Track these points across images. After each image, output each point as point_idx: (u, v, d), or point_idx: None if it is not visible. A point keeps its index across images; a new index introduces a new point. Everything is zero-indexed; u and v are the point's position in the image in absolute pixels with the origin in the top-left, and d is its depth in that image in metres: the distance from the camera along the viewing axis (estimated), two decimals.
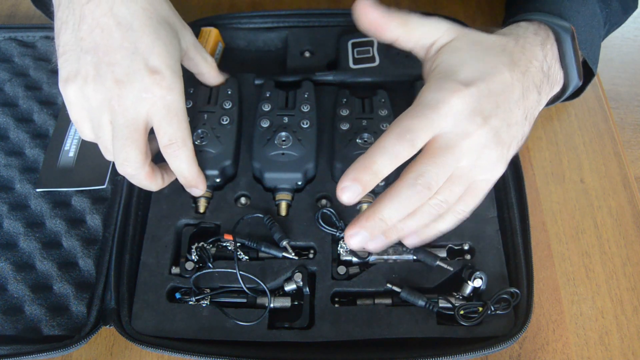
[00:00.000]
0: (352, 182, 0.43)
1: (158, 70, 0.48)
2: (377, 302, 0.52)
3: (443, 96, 0.44)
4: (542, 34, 0.51)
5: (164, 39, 0.49)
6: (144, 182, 0.52)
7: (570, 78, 0.53)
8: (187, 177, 0.53)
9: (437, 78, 0.46)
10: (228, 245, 0.54)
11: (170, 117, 0.49)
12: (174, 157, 0.51)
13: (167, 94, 0.48)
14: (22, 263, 0.55)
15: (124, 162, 0.49)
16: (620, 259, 0.56)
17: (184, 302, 0.52)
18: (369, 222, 0.44)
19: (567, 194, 0.60)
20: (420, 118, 0.43)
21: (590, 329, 0.52)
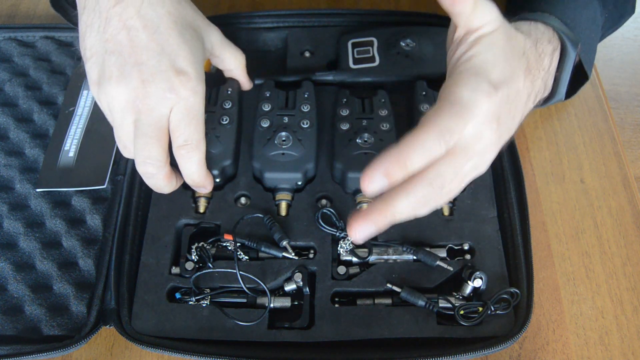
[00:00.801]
0: (381, 176, 0.41)
1: (184, 72, 0.48)
2: (377, 302, 0.52)
3: (478, 98, 0.42)
4: (554, 44, 0.51)
5: (189, 42, 0.50)
6: (162, 182, 0.52)
7: (558, 92, 0.54)
8: (195, 180, 0.53)
9: (472, 74, 0.44)
10: (228, 245, 0.54)
11: (190, 118, 0.49)
12: (186, 159, 0.51)
13: (191, 95, 0.49)
14: (22, 263, 0.55)
15: (146, 160, 0.49)
16: (620, 259, 0.56)
17: (184, 302, 0.52)
18: (380, 217, 0.43)
19: (567, 194, 0.60)
20: (458, 119, 0.42)
21: (590, 329, 0.52)
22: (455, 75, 0.44)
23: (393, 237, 0.55)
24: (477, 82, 0.43)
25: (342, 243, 0.54)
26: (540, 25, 0.51)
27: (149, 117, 0.48)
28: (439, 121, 0.42)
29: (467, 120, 0.42)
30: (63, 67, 0.69)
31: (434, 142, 0.41)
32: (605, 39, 0.66)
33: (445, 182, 0.43)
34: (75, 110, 0.65)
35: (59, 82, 0.67)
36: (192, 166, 0.52)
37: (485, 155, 0.45)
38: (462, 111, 0.42)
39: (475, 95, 0.42)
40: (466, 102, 0.42)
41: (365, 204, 0.55)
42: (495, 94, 0.43)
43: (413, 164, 0.41)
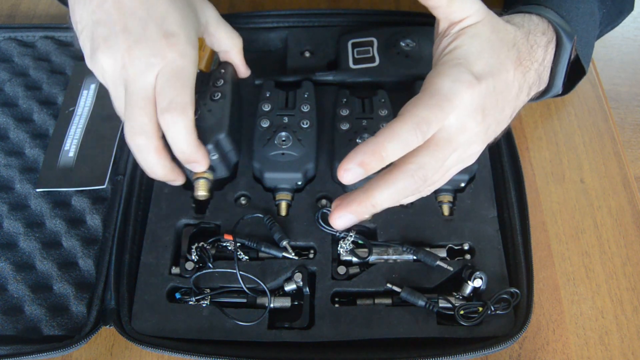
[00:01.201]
0: (357, 166, 0.41)
1: (173, 34, 0.46)
2: (377, 302, 0.52)
3: (459, 88, 0.42)
4: (548, 35, 0.51)
5: (180, 8, 0.47)
6: (153, 157, 0.48)
7: (555, 85, 0.53)
8: (184, 151, 0.48)
9: (453, 65, 0.44)
10: (228, 245, 0.54)
11: (175, 80, 0.46)
12: (171, 124, 0.46)
13: (178, 58, 0.46)
14: (22, 263, 0.55)
15: (133, 131, 0.46)
16: (620, 259, 0.56)
17: (184, 302, 0.52)
18: (360, 207, 0.43)
19: (567, 194, 0.60)
20: (437, 110, 0.42)
21: (590, 329, 0.52)
22: (438, 67, 0.44)
23: (393, 237, 0.55)
24: (459, 73, 0.43)
25: (342, 243, 0.54)
26: (534, 17, 0.51)
27: (136, 84, 0.46)
28: (415, 111, 0.42)
29: (447, 111, 0.42)
30: (63, 67, 0.69)
31: (410, 132, 0.41)
32: (605, 39, 0.66)
33: (427, 174, 0.43)
34: (75, 110, 0.65)
35: (59, 82, 0.67)
36: (178, 133, 0.47)
37: (471, 147, 0.45)
38: (441, 102, 0.42)
39: (456, 86, 0.42)
40: (446, 93, 0.42)
41: None
42: (478, 85, 0.43)
43: (389, 155, 0.41)
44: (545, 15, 0.51)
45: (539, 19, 0.51)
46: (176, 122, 0.46)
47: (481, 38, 0.46)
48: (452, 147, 0.43)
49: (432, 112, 0.42)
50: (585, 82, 0.68)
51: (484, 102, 0.44)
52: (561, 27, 0.51)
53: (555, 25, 0.51)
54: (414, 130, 0.41)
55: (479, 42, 0.45)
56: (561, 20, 0.52)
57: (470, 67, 0.44)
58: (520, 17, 0.51)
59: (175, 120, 0.46)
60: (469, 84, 0.43)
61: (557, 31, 0.51)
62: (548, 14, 0.51)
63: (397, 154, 0.42)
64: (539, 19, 0.51)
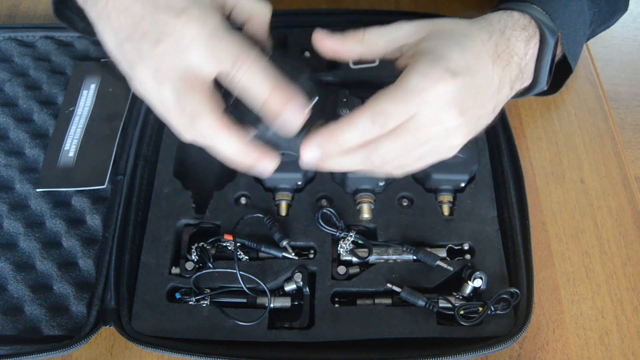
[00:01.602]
0: (315, 147, 0.43)
1: (184, 9, 0.42)
2: (377, 302, 0.52)
3: (429, 83, 0.43)
4: (530, 30, 0.51)
5: None
6: (225, 139, 0.43)
7: (539, 81, 0.53)
8: (276, 98, 0.42)
9: (425, 60, 0.44)
10: (228, 245, 0.54)
11: (216, 42, 0.42)
12: (248, 77, 0.41)
13: (202, 27, 0.42)
14: (22, 263, 0.55)
15: (192, 120, 0.43)
16: (620, 259, 0.56)
17: (184, 302, 0.52)
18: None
19: (567, 194, 0.60)
20: (399, 103, 0.43)
21: (590, 329, 0.52)
22: (412, 62, 0.45)
23: (393, 237, 0.55)
24: (430, 67, 0.43)
25: (342, 243, 0.54)
26: (514, 13, 0.51)
27: (174, 75, 0.43)
28: (374, 104, 0.43)
29: (411, 105, 0.42)
30: (63, 67, 0.69)
31: (367, 122, 0.42)
32: (605, 39, 0.66)
33: (386, 157, 0.44)
34: (75, 110, 0.65)
35: (59, 82, 0.67)
36: (259, 81, 0.42)
37: (449, 139, 0.46)
38: (405, 95, 0.42)
39: (426, 81, 0.43)
40: (413, 87, 0.43)
41: (366, 204, 0.55)
42: (452, 80, 0.43)
43: (345, 141, 0.43)
44: (527, 11, 0.51)
45: (520, 15, 0.51)
46: (252, 73, 0.42)
47: (455, 33, 0.47)
48: (422, 137, 0.44)
49: (392, 105, 0.42)
50: (585, 82, 0.68)
51: (461, 98, 0.44)
52: (543, 23, 0.51)
53: (537, 21, 0.51)
54: (370, 121, 0.42)
55: (445, 41, 0.46)
56: (544, 17, 0.52)
57: (443, 63, 0.44)
58: (499, 14, 0.51)
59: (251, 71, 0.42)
60: (440, 78, 0.43)
61: (540, 27, 0.51)
62: (531, 10, 0.51)
63: (354, 141, 0.43)
64: (519, 14, 0.51)
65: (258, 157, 0.45)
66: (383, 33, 0.48)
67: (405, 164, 0.47)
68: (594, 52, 0.72)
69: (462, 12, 0.74)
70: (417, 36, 0.47)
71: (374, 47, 0.48)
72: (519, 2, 0.53)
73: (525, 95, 0.55)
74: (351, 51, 0.48)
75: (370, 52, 0.48)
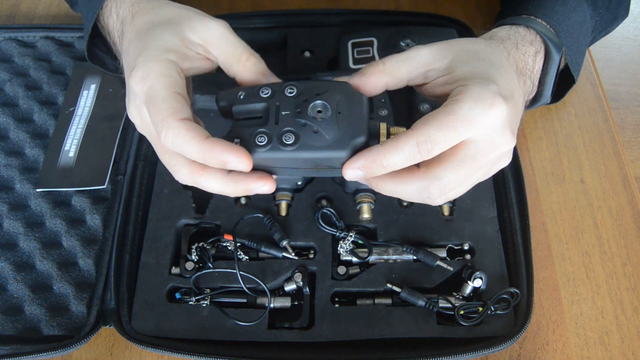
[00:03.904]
0: (359, 169, 0.43)
1: (132, 66, 0.45)
2: (377, 302, 0.52)
3: (483, 109, 0.42)
4: (536, 46, 0.51)
5: (146, 38, 0.46)
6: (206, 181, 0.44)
7: (543, 95, 0.54)
8: (196, 155, 0.42)
9: (474, 85, 0.43)
10: (228, 245, 0.54)
11: (149, 107, 0.43)
12: (167, 142, 0.42)
13: (142, 88, 0.44)
14: (22, 263, 0.55)
15: (172, 171, 0.45)
16: (620, 259, 0.56)
17: (184, 302, 0.52)
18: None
19: (567, 194, 0.60)
20: (449, 131, 0.41)
21: (590, 329, 0.52)
22: (459, 89, 0.43)
23: (393, 237, 0.55)
24: (481, 92, 0.42)
25: (342, 243, 0.54)
26: (520, 29, 0.51)
27: (147, 132, 0.46)
28: (423, 129, 0.42)
29: (461, 132, 0.42)
30: (63, 67, 0.69)
31: (412, 149, 0.41)
32: (605, 39, 0.66)
33: (445, 188, 0.43)
34: (76, 111, 0.65)
35: (59, 82, 0.67)
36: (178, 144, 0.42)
37: (500, 162, 0.45)
38: (454, 122, 0.41)
39: (479, 107, 0.42)
40: (465, 114, 0.41)
41: (366, 204, 0.55)
42: (505, 104, 0.42)
43: (389, 165, 0.42)
44: (532, 26, 0.51)
45: (526, 30, 0.51)
46: (167, 137, 0.42)
47: (481, 54, 0.46)
48: (479, 164, 0.43)
49: (441, 132, 0.41)
50: (585, 82, 0.68)
51: (511, 120, 0.44)
52: (549, 39, 0.51)
53: (543, 37, 0.51)
54: (416, 147, 0.41)
55: (486, 60, 0.45)
56: (549, 32, 0.52)
57: (495, 87, 0.43)
58: (506, 30, 0.51)
59: (166, 136, 0.42)
60: (493, 104, 0.42)
61: (546, 43, 0.51)
62: (536, 25, 0.52)
63: (399, 165, 0.42)
64: (525, 30, 0.51)
65: (247, 187, 0.44)
66: (404, 60, 0.47)
67: (458, 193, 0.46)
68: (595, 52, 0.72)
69: (463, 13, 0.74)
70: (443, 60, 0.46)
71: (398, 75, 0.47)
72: (522, 15, 0.53)
73: (529, 107, 0.56)
74: (377, 84, 0.47)
75: (394, 81, 0.47)
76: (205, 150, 0.42)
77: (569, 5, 0.54)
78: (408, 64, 0.46)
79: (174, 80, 0.44)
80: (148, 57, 0.45)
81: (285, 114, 0.44)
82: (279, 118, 0.44)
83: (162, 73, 0.44)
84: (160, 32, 0.47)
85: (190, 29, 0.47)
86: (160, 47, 0.46)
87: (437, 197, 0.44)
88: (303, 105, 0.44)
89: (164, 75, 0.44)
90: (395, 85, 0.47)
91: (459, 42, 0.48)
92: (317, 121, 0.43)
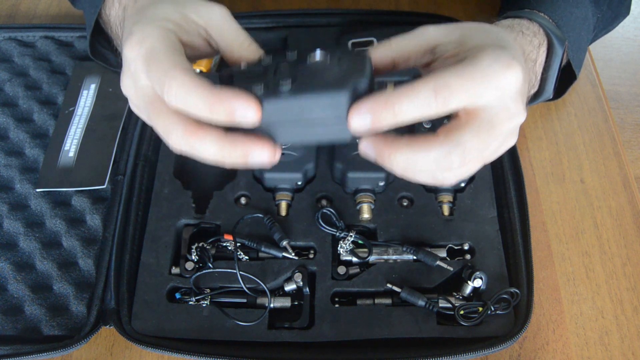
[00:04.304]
0: (366, 112, 0.37)
1: (129, 33, 0.42)
2: (377, 302, 0.52)
3: (501, 68, 0.38)
4: (539, 38, 0.51)
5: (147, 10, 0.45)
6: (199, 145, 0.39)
7: (546, 90, 0.53)
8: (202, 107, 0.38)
9: (491, 47, 0.39)
10: (228, 245, 0.54)
11: (149, 64, 0.40)
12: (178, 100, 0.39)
13: (139, 49, 0.41)
14: (22, 263, 0.55)
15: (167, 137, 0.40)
16: (620, 259, 0.56)
17: (184, 302, 0.52)
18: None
19: (567, 194, 0.60)
20: (468, 80, 0.38)
21: (590, 329, 0.52)
22: (475, 50, 0.40)
23: (393, 237, 0.55)
24: (500, 54, 0.39)
25: (342, 243, 0.54)
26: (524, 22, 0.51)
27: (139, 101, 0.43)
28: (441, 75, 0.38)
29: (479, 86, 0.38)
30: (63, 67, 0.69)
31: (429, 94, 0.37)
32: (605, 39, 0.66)
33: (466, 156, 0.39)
34: (75, 110, 0.65)
35: (59, 82, 0.67)
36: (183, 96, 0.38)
37: (509, 139, 0.42)
38: (474, 74, 0.38)
39: (498, 64, 0.38)
40: (484, 67, 0.38)
41: (366, 204, 0.55)
42: (521, 69, 0.39)
43: (402, 110, 0.37)
44: (535, 19, 0.51)
45: (529, 23, 0.51)
46: (170, 88, 0.39)
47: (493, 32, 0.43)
48: (496, 132, 0.40)
49: (460, 80, 0.38)
50: (585, 82, 0.68)
51: (524, 88, 0.40)
52: (552, 32, 0.51)
53: (546, 29, 0.51)
54: (433, 92, 0.37)
55: (497, 36, 0.42)
56: (553, 26, 0.52)
57: (512, 52, 0.40)
58: (510, 21, 0.51)
59: (169, 88, 0.39)
60: (511, 65, 0.39)
61: (549, 36, 0.51)
62: (539, 18, 0.51)
63: (411, 113, 0.38)
64: (529, 22, 0.51)
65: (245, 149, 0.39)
66: (411, 36, 0.43)
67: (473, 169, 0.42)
68: (595, 52, 0.72)
69: (463, 13, 0.74)
70: (452, 36, 0.42)
71: (406, 50, 0.43)
72: (524, 9, 0.53)
73: (531, 103, 0.55)
74: (384, 59, 0.43)
75: (402, 56, 0.43)
76: (212, 97, 0.37)
77: (571, 1, 0.54)
78: (415, 39, 0.43)
79: (174, 44, 0.42)
80: (146, 22, 0.43)
81: (284, 65, 0.40)
82: (278, 70, 0.40)
83: (161, 35, 0.42)
84: (161, 6, 0.45)
85: (194, 10, 0.45)
86: (160, 16, 0.44)
87: (457, 166, 0.40)
88: (302, 57, 0.41)
89: (163, 38, 0.41)
90: (403, 62, 0.44)
91: (467, 23, 0.44)
92: (316, 65, 0.40)
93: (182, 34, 0.44)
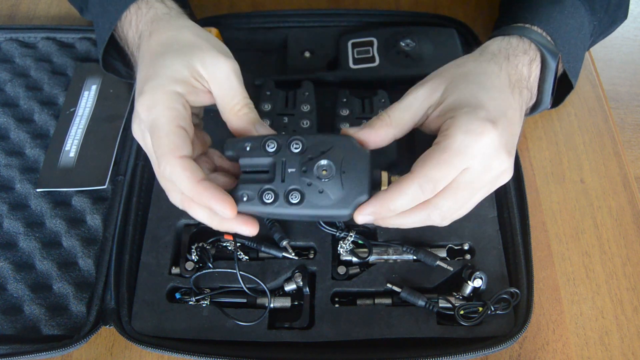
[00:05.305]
0: (369, 215, 0.46)
1: (141, 91, 0.47)
2: (377, 302, 0.52)
3: (473, 139, 0.44)
4: (531, 54, 0.51)
5: (159, 63, 0.48)
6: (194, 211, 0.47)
7: (543, 101, 0.54)
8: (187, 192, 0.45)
9: (462, 115, 0.45)
10: (228, 245, 0.55)
11: (153, 135, 0.46)
12: (165, 172, 0.45)
13: (149, 113, 0.46)
14: (22, 263, 0.55)
15: (167, 191, 0.48)
16: (620, 259, 0.56)
17: (184, 302, 0.52)
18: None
19: (567, 194, 0.60)
20: (446, 167, 0.44)
21: (590, 329, 0.52)
22: (448, 122, 0.46)
23: (393, 237, 0.55)
24: (469, 123, 0.44)
25: (342, 243, 0.54)
26: (513, 40, 0.52)
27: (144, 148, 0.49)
28: (423, 171, 0.44)
29: (458, 166, 0.44)
30: (64, 67, 0.69)
31: (416, 190, 0.44)
32: (605, 39, 0.66)
33: (446, 214, 0.46)
34: (76, 111, 0.65)
35: (60, 83, 0.67)
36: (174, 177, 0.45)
37: (499, 179, 0.47)
38: (451, 158, 0.44)
39: (469, 138, 0.44)
40: (457, 147, 0.44)
41: None
42: (494, 130, 0.44)
43: (397, 208, 0.45)
44: (526, 36, 0.52)
45: (519, 40, 0.52)
46: (165, 170, 0.45)
47: (471, 75, 0.48)
48: (476, 187, 0.46)
49: (440, 171, 0.44)
50: (585, 82, 0.68)
51: (505, 140, 0.45)
52: (545, 47, 0.52)
53: (537, 45, 0.52)
54: (419, 188, 0.44)
55: (474, 82, 0.47)
56: (544, 40, 0.52)
57: (480, 114, 0.45)
58: (497, 42, 0.52)
59: (164, 169, 0.45)
60: (482, 132, 0.44)
61: (540, 50, 0.52)
62: (531, 34, 0.52)
63: (406, 207, 0.45)
64: (518, 39, 0.52)
65: (230, 226, 0.47)
66: (405, 107, 0.48)
67: (461, 214, 0.48)
68: (595, 52, 0.72)
69: (463, 13, 0.74)
70: (436, 94, 0.48)
71: (404, 124, 0.49)
72: (518, 24, 0.53)
73: (530, 114, 0.56)
74: (385, 138, 0.48)
75: (402, 130, 0.49)
76: (194, 193, 0.45)
77: (566, 12, 0.55)
78: (411, 110, 0.48)
79: (179, 114, 0.46)
80: (156, 86, 0.47)
81: (291, 172, 0.46)
82: (285, 176, 0.46)
83: (168, 106, 0.46)
84: (171, 60, 0.48)
85: (201, 62, 0.48)
86: (169, 76, 0.47)
87: (439, 222, 0.47)
88: (308, 164, 0.46)
89: (169, 108, 0.46)
90: (402, 134, 0.49)
91: (450, 68, 0.50)
92: (321, 181, 0.46)
93: (189, 94, 0.48)
